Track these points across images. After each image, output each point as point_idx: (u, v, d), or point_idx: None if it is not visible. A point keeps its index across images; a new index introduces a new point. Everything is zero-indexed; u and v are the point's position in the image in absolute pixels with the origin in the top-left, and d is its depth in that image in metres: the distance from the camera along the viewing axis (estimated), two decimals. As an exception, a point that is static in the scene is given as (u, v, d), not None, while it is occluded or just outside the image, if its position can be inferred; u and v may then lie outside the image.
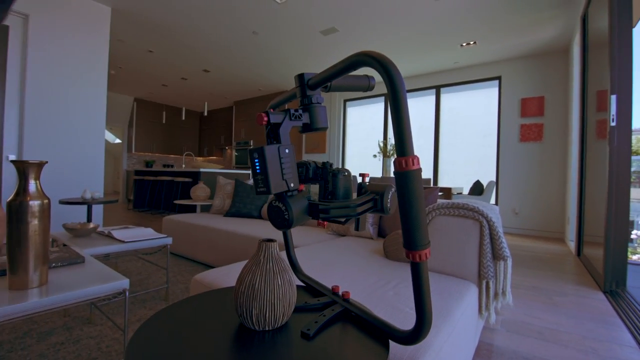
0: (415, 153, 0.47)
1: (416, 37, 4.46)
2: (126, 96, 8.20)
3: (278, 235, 2.25)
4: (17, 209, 1.01)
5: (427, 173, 5.92)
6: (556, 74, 4.77)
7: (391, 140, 6.24)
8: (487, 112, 5.40)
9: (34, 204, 1.04)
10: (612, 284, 2.34)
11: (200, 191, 3.73)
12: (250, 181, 3.74)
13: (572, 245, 3.83)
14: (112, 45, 4.89)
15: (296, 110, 0.58)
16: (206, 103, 7.04)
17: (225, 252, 2.46)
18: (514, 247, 3.96)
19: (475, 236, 1.43)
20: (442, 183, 5.82)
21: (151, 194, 6.43)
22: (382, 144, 5.00)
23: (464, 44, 4.65)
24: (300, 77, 0.60)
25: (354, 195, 1.58)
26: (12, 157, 3.02)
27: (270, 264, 0.57)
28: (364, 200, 0.57)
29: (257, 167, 0.53)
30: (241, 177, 5.70)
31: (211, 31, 4.47)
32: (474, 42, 4.58)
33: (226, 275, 1.29)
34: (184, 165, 6.44)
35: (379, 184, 0.58)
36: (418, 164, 0.42)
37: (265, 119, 0.54)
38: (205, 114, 6.67)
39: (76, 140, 3.33)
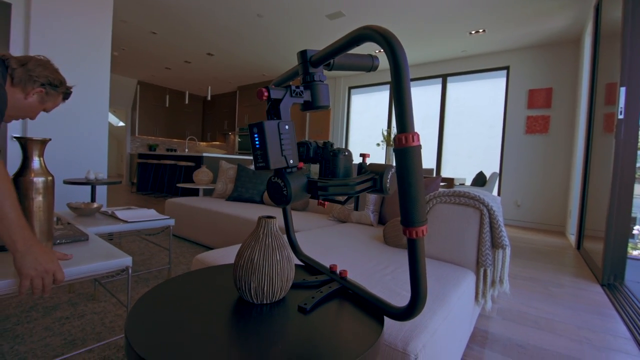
0: (419, 142, 0.47)
1: (424, 23, 4.37)
2: (129, 78, 8.15)
3: (279, 219, 2.27)
4: (21, 186, 1.02)
5: (430, 163, 5.89)
6: (565, 65, 4.67)
7: (395, 129, 6.19)
8: (493, 102, 5.33)
9: (38, 180, 1.05)
10: (610, 277, 2.35)
11: (203, 175, 3.75)
12: (253, 166, 3.75)
13: (572, 238, 3.84)
14: (115, 25, 4.83)
15: (297, 87, 0.58)
16: (210, 87, 6.99)
17: (227, 235, 2.49)
18: (514, 239, 3.97)
19: (475, 224, 1.44)
20: (444, 173, 5.80)
21: (154, 177, 6.47)
22: (386, 133, 4.96)
23: (473, 32, 4.55)
24: (303, 54, 0.59)
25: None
26: (14, 137, 3.04)
27: (270, 239, 0.58)
28: (363, 179, 0.57)
29: (257, 142, 0.53)
30: (244, 162, 5.71)
31: (215, 13, 4.39)
32: (483, 30, 4.48)
33: (226, 256, 1.31)
34: (187, 150, 6.45)
35: (379, 164, 0.58)
36: (418, 140, 0.42)
37: (266, 94, 0.53)
38: (209, 98, 6.63)
39: (79, 122, 3.33)
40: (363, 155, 0.63)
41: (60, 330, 1.37)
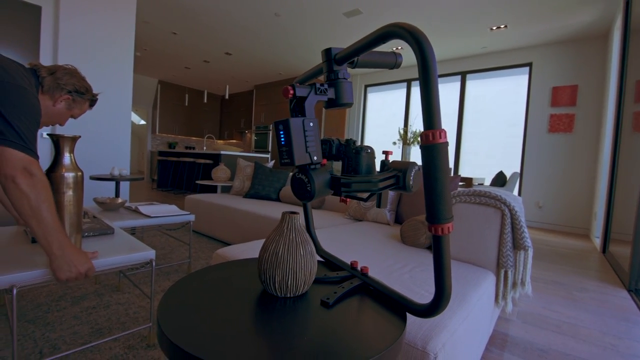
0: (446, 139, 0.47)
1: (443, 19, 4.30)
2: (151, 78, 8.37)
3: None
4: (53, 181, 1.07)
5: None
6: (592, 61, 4.49)
7: (412, 127, 6.12)
8: (514, 100, 5.18)
9: (69, 175, 1.10)
10: (638, 282, 2.26)
11: (221, 172, 3.82)
12: (270, 164, 3.79)
13: (597, 242, 3.69)
14: (137, 26, 4.98)
15: (322, 85, 0.59)
16: (227, 86, 7.09)
17: (244, 231, 2.53)
18: (535, 241, 3.86)
19: (496, 225, 1.41)
20: (463, 173, 5.69)
21: (174, 174, 6.63)
22: (402, 131, 4.91)
23: (494, 28, 4.44)
24: (327, 52, 0.60)
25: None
26: (46, 135, 3.18)
27: (293, 234, 0.59)
28: (386, 176, 0.58)
29: (282, 139, 0.54)
30: (260, 160, 5.78)
31: (234, 12, 4.46)
32: (505, 26, 4.36)
33: (246, 251, 1.33)
34: (205, 148, 6.58)
35: (402, 161, 0.58)
36: (445, 137, 0.42)
37: (291, 92, 0.55)
38: (227, 97, 6.74)
39: (104, 120, 3.45)
40: (386, 153, 0.63)
41: (88, 319, 1.43)
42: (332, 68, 0.60)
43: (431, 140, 0.42)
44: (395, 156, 6.38)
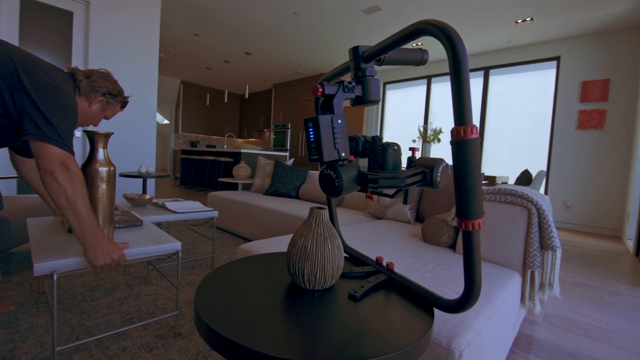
0: (478, 135, 0.47)
1: (465, 13, 4.19)
2: (174, 79, 8.62)
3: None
4: (88, 174, 1.15)
5: (469, 161, 5.66)
6: (625, 54, 4.26)
7: (432, 125, 6.01)
8: (540, 96, 4.99)
9: (103, 170, 1.18)
10: (676, 286, 2.14)
11: (241, 170, 3.89)
12: (289, 162, 3.83)
13: (630, 244, 3.52)
14: (161, 29, 5.13)
15: (349, 83, 0.60)
16: (247, 85, 7.21)
17: (265, 228, 2.58)
18: (562, 242, 3.71)
19: (523, 224, 1.38)
20: (485, 171, 5.55)
21: (196, 172, 6.82)
22: (422, 129, 4.84)
23: (519, 21, 4.29)
24: (355, 50, 0.61)
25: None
26: (78, 134, 3.34)
27: (321, 229, 0.60)
28: (414, 173, 0.58)
29: (312, 136, 0.55)
30: (279, 158, 5.84)
31: (253, 13, 4.52)
32: (531, 19, 4.20)
33: (268, 247, 1.36)
34: (225, 146, 6.72)
35: (430, 157, 0.58)
36: (476, 133, 0.42)
37: (321, 89, 0.56)
38: (247, 96, 6.85)
39: (131, 120, 3.59)
40: (413, 149, 0.64)
41: (119, 309, 1.50)
42: (359, 66, 0.61)
43: (462, 136, 0.42)
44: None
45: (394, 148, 0.63)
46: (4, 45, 1.01)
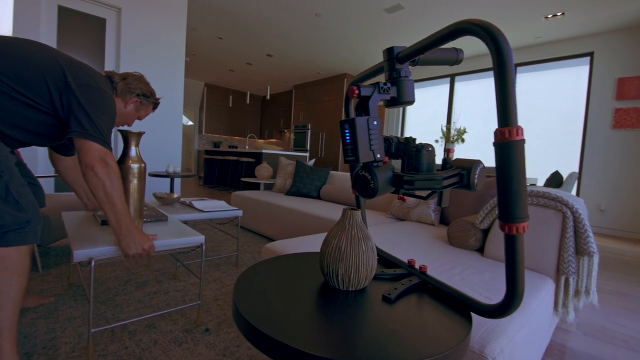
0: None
1: (492, 10, 4.07)
2: (198, 81, 8.86)
3: (336, 215, 2.31)
4: (121, 170, 1.23)
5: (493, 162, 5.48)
6: (669, 49, 4.00)
7: (455, 124, 5.87)
8: (572, 94, 4.77)
9: (134, 166, 1.26)
10: None
11: (264, 170, 3.95)
12: (310, 162, 3.85)
13: (672, 250, 3.30)
14: (187, 33, 5.29)
15: (385, 84, 0.59)
16: (269, 87, 7.31)
17: (287, 227, 2.60)
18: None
19: (556, 228, 1.32)
20: (511, 173, 5.35)
21: (219, 172, 6.98)
22: (445, 129, 4.73)
23: (550, 16, 4.12)
24: (389, 51, 0.61)
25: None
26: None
27: (355, 230, 0.61)
28: (450, 174, 0.57)
29: (347, 137, 0.56)
30: (300, 159, 5.88)
31: (276, 15, 4.57)
32: (562, 14, 4.02)
33: (292, 246, 1.38)
34: (247, 147, 6.84)
35: (466, 159, 0.57)
36: (522, 134, 0.41)
37: (357, 91, 0.56)
38: (268, 97, 6.94)
39: (159, 121, 3.72)
40: (447, 150, 0.63)
41: (150, 303, 1.56)
42: (394, 67, 0.60)
43: (507, 138, 0.41)
44: (438, 154, 6.16)
45: (429, 149, 0.63)
46: (52, 50, 1.07)
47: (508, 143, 0.41)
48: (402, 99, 0.60)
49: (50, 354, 1.15)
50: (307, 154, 6.68)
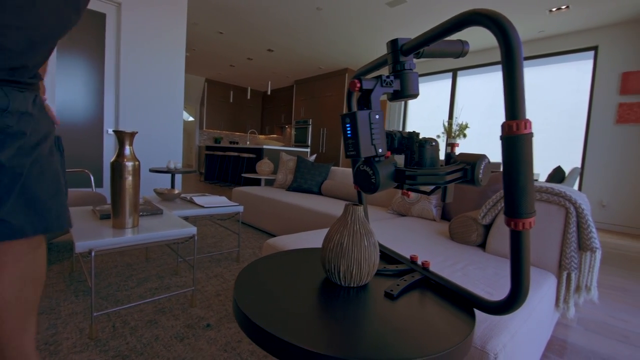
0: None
1: (496, 2, 4.02)
2: (198, 77, 8.82)
3: (337, 211, 2.30)
4: (117, 168, 1.32)
5: (497, 156, 5.47)
6: (674, 42, 3.95)
7: (457, 119, 5.84)
8: (575, 89, 4.73)
9: (129, 164, 1.34)
10: None
11: (264, 166, 3.94)
12: (311, 158, 3.83)
13: (675, 246, 3.29)
14: (187, 28, 5.25)
15: (387, 77, 0.58)
16: (269, 82, 7.26)
17: (288, 223, 2.60)
18: (597, 242, 3.52)
19: (559, 223, 1.31)
20: (513, 168, 5.32)
21: (220, 168, 6.97)
22: (447, 124, 4.70)
23: (554, 9, 4.07)
24: (394, 43, 0.59)
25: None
26: (111, 131, 3.49)
27: (357, 225, 0.60)
28: (454, 169, 0.56)
29: (349, 132, 0.55)
30: (301, 154, 5.87)
31: (277, 9, 4.53)
32: (566, 7, 3.97)
33: (294, 242, 1.37)
34: (248, 142, 6.82)
35: (471, 153, 0.56)
36: (530, 127, 0.40)
37: (358, 85, 0.55)
38: (269, 92, 6.90)
39: (160, 117, 3.71)
40: (451, 145, 0.61)
41: (152, 298, 1.56)
42: (398, 59, 0.59)
43: (515, 131, 0.40)
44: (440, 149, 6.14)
45: (432, 144, 0.62)
46: None
47: (516, 137, 0.40)
48: (405, 92, 0.59)
49: (52, 350, 1.15)
50: (308, 150, 6.66)
